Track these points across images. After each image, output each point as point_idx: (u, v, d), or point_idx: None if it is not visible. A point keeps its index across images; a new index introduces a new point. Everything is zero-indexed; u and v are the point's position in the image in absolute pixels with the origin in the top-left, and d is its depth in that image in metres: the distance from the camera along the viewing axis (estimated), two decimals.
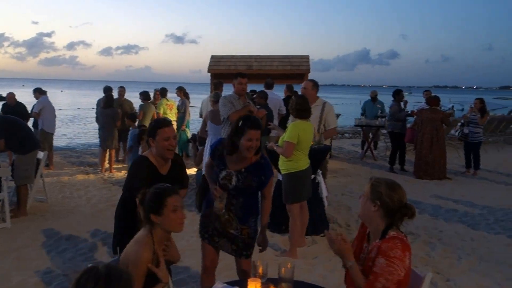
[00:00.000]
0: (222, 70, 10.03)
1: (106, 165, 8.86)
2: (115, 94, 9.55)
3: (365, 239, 2.38)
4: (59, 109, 17.28)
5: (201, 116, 8.25)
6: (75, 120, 25.90)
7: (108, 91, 9.25)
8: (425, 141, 8.65)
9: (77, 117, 27.89)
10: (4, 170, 5.53)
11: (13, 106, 8.69)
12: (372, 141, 11.19)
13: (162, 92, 9.84)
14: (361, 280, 2.19)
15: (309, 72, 9.99)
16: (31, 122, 8.95)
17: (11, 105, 8.77)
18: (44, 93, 9.14)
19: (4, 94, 10.55)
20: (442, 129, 8.77)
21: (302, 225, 4.82)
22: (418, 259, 4.58)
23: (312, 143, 4.73)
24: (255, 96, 7.67)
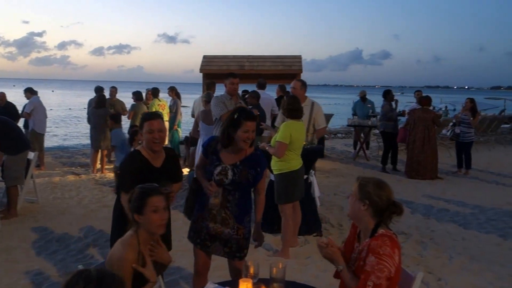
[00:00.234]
0: (214, 70, 10.01)
1: (98, 165, 8.82)
2: (106, 94, 9.51)
3: (356, 239, 2.39)
4: (50, 110, 17.14)
5: (193, 116, 8.23)
6: (66, 120, 25.73)
7: (99, 91, 9.21)
8: (417, 140, 8.69)
9: (69, 117, 27.71)
10: None
11: (3, 107, 8.60)
12: (365, 141, 11.23)
13: (154, 92, 9.81)
14: (352, 281, 2.19)
15: (302, 72, 9.99)
16: (21, 122, 8.86)
17: (1, 105, 8.67)
18: (35, 93, 9.08)
19: None
20: (433, 129, 8.82)
21: (295, 225, 4.81)
22: (410, 259, 4.60)
23: (304, 143, 4.72)
24: (247, 96, 7.65)
